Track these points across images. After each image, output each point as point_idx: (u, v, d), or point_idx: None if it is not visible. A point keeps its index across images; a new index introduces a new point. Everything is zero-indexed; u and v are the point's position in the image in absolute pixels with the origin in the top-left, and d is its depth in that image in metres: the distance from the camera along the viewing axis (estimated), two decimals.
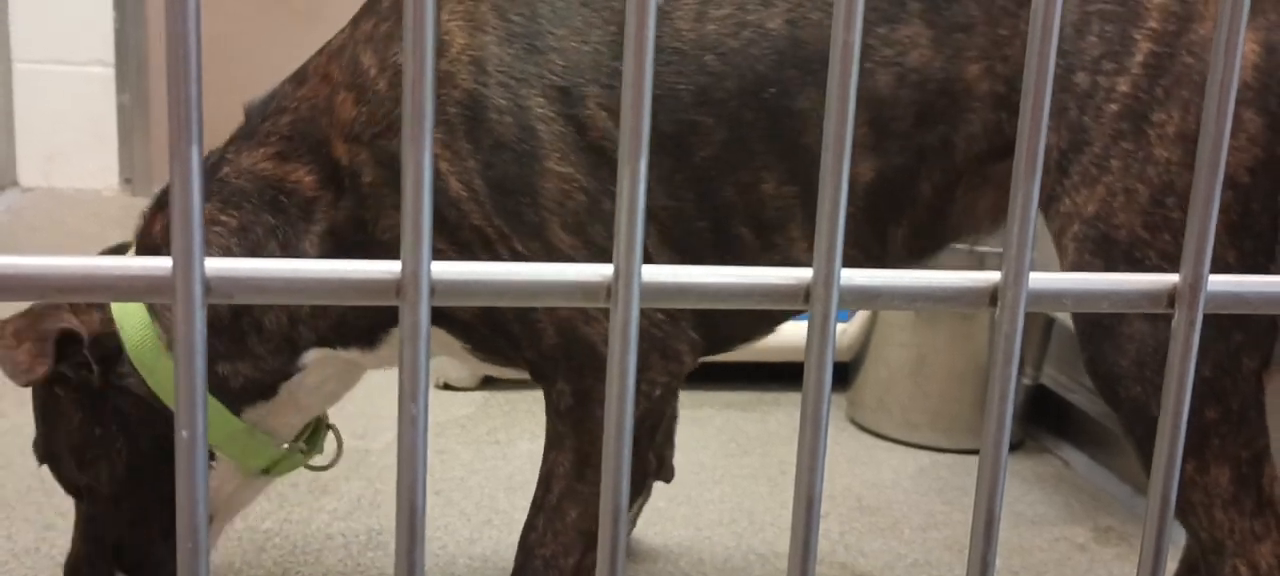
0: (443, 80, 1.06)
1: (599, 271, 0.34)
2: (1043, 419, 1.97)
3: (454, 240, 1.06)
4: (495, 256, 1.10)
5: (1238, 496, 0.99)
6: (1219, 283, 0.38)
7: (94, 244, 2.03)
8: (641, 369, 1.10)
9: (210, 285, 0.32)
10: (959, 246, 1.26)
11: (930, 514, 1.68)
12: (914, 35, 1.05)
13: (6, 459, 1.64)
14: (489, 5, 1.09)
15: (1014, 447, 1.93)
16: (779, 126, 1.07)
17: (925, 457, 1.88)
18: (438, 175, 1.05)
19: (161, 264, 0.32)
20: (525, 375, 1.15)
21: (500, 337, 1.11)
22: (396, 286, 0.33)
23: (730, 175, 1.09)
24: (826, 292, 0.35)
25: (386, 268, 0.33)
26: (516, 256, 1.09)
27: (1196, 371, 1.01)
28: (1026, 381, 1.96)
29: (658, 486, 1.63)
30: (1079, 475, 1.85)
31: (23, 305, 1.18)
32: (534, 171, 1.07)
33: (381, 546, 1.48)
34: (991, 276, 0.37)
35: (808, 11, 1.07)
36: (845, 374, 2.01)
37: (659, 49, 1.06)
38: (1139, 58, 1.00)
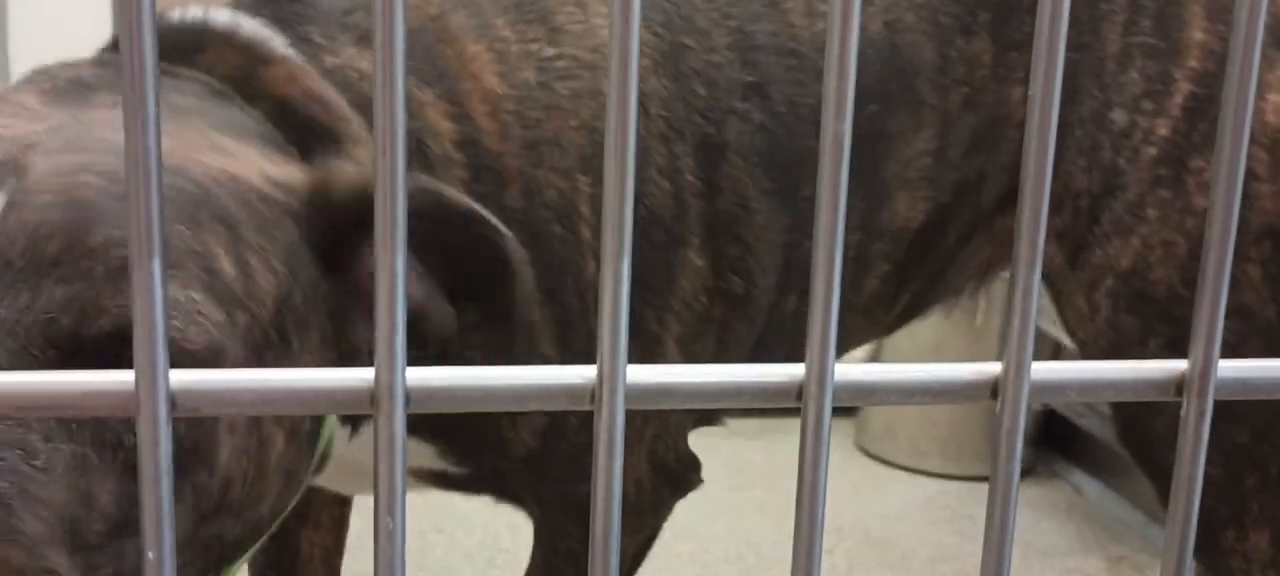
0: (599, 114, 0.83)
1: (582, 373, 0.33)
2: (1054, 444, 1.96)
3: (563, 344, 0.81)
4: None
5: (1277, 559, 0.94)
6: (1230, 369, 0.36)
7: None
8: (655, 508, 0.94)
9: (175, 399, 0.31)
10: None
11: (939, 545, 1.66)
12: (981, 51, 0.94)
13: None
14: None
15: (1024, 474, 1.91)
16: (869, 152, 0.91)
17: (934, 485, 1.86)
18: (575, 246, 0.80)
19: (123, 377, 0.31)
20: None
21: (503, 477, 0.89)
22: (370, 395, 0.32)
23: (812, 221, 0.95)
24: (820, 391, 0.34)
25: (360, 376, 0.32)
26: None
27: (1233, 439, 0.95)
28: (1036, 407, 1.94)
29: None
30: (1091, 503, 1.83)
31: None
32: (674, 264, 0.85)
33: None
34: (992, 369, 0.35)
35: (902, 12, 0.92)
36: None
37: (773, 50, 0.89)
38: (1179, 99, 0.92)
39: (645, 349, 0.83)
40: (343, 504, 1.06)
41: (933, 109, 0.92)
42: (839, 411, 1.23)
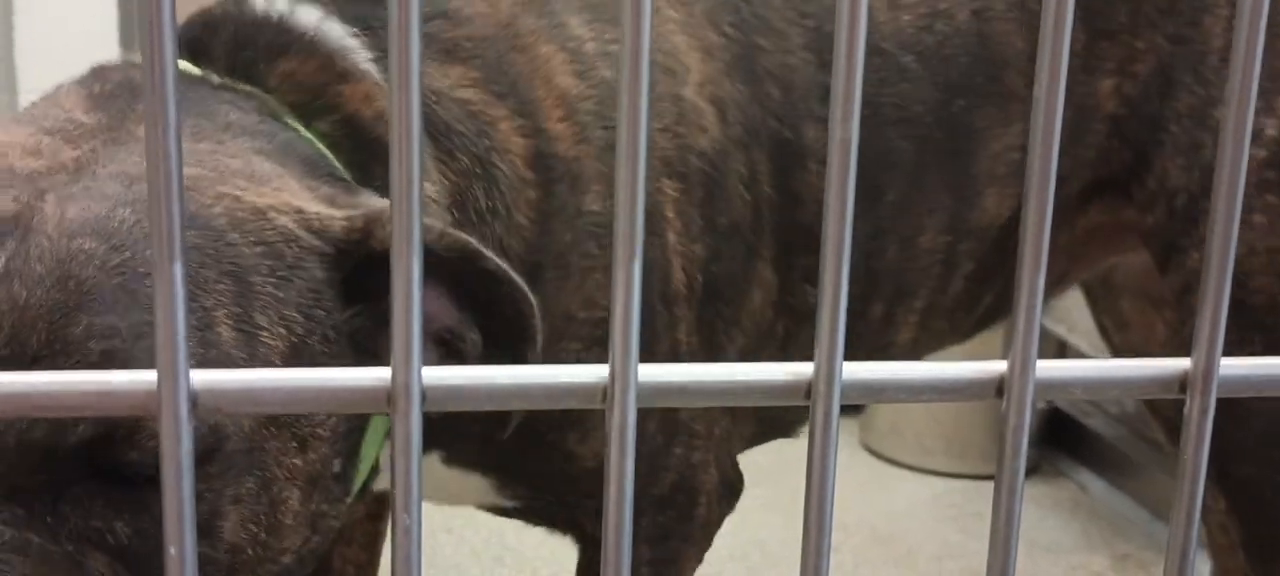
0: (681, 118, 0.79)
1: (594, 372, 0.34)
2: (1059, 442, 1.96)
3: (649, 353, 0.75)
4: None
5: None
6: (1232, 366, 0.37)
7: None
8: (718, 521, 0.90)
9: (196, 399, 0.31)
10: None
11: (945, 542, 1.67)
12: (1073, 39, 0.91)
13: None
14: (702, 5, 0.83)
15: (1030, 472, 1.92)
16: (958, 150, 0.87)
17: (940, 483, 1.86)
18: (661, 249, 0.77)
19: (146, 377, 0.31)
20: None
21: (564, 503, 0.85)
22: (387, 394, 0.32)
23: (899, 225, 0.87)
24: (828, 389, 0.34)
25: (376, 375, 0.33)
26: None
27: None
28: (1042, 405, 1.95)
29: None
30: (1096, 500, 1.84)
31: None
32: (750, 277, 0.82)
33: None
34: (998, 367, 0.36)
35: (991, 1, 0.89)
36: None
37: None
38: None
39: (709, 359, 0.81)
40: (377, 520, 1.04)
41: (1022, 101, 0.88)
42: (845, 410, 1.22)
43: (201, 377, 0.32)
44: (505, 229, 0.75)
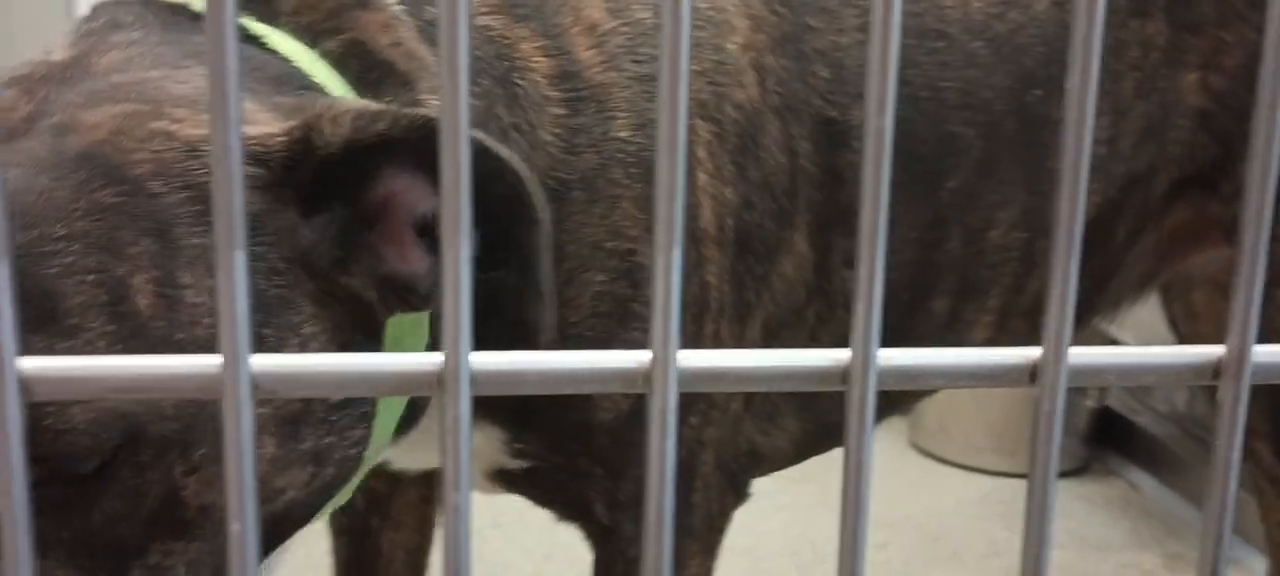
0: (720, 67, 0.78)
1: (636, 358, 0.35)
2: (1109, 441, 1.95)
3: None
4: (699, 337, 0.79)
5: None
6: (1266, 354, 0.37)
7: None
8: (709, 519, 0.87)
9: (257, 382, 0.33)
10: None
11: (993, 540, 1.66)
12: (1155, 33, 0.88)
13: None
14: None
15: (1079, 471, 1.91)
16: (1033, 141, 0.86)
17: (988, 482, 1.86)
18: (690, 188, 0.77)
19: (211, 361, 0.33)
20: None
21: (575, 471, 0.83)
22: (437, 378, 0.34)
23: (965, 215, 0.85)
24: (864, 375, 0.35)
25: (429, 360, 0.34)
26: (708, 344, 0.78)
27: None
28: (1092, 404, 1.93)
29: None
30: (1147, 499, 1.82)
31: None
32: (782, 242, 0.81)
33: None
34: (1031, 353, 0.36)
35: None
36: None
37: (919, 31, 0.84)
38: None
39: (738, 316, 0.79)
40: (427, 503, 1.04)
41: (1104, 95, 0.87)
42: (895, 408, 1.18)
43: (261, 362, 0.33)
44: (531, 146, 0.73)
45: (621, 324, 0.76)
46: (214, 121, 0.30)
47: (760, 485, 1.93)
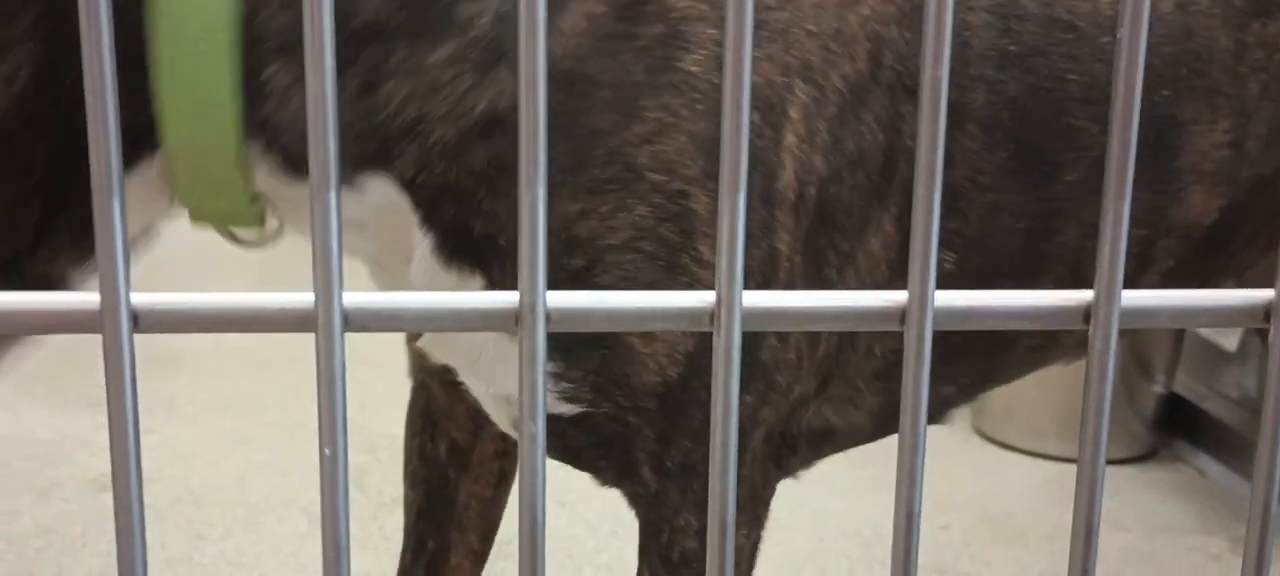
0: (837, 35, 0.77)
1: (701, 297, 0.37)
2: (1176, 427, 1.93)
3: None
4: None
5: None
6: None
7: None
8: (753, 491, 0.87)
9: (348, 317, 0.35)
10: None
11: (1057, 524, 1.66)
12: (1278, 34, 0.87)
13: (159, 471, 1.73)
14: None
15: (1147, 457, 1.90)
16: (1158, 141, 0.86)
17: (1053, 467, 1.85)
18: (773, 147, 0.74)
19: (304, 298, 0.35)
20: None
21: (622, 426, 0.80)
22: (515, 315, 0.36)
23: (1082, 209, 0.85)
24: (922, 314, 0.37)
25: (506, 298, 0.36)
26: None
27: None
28: (1159, 390, 1.92)
29: (780, 493, 1.64)
30: (1215, 484, 1.81)
31: None
32: (869, 220, 0.80)
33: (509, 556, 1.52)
34: (1084, 295, 0.38)
35: None
36: None
37: (1044, 21, 0.83)
38: None
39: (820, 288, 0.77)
40: (503, 457, 1.03)
41: (1228, 97, 0.87)
42: (962, 398, 1.15)
43: (353, 299, 0.36)
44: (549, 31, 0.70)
45: (669, 272, 0.74)
46: None
47: (823, 467, 1.94)
